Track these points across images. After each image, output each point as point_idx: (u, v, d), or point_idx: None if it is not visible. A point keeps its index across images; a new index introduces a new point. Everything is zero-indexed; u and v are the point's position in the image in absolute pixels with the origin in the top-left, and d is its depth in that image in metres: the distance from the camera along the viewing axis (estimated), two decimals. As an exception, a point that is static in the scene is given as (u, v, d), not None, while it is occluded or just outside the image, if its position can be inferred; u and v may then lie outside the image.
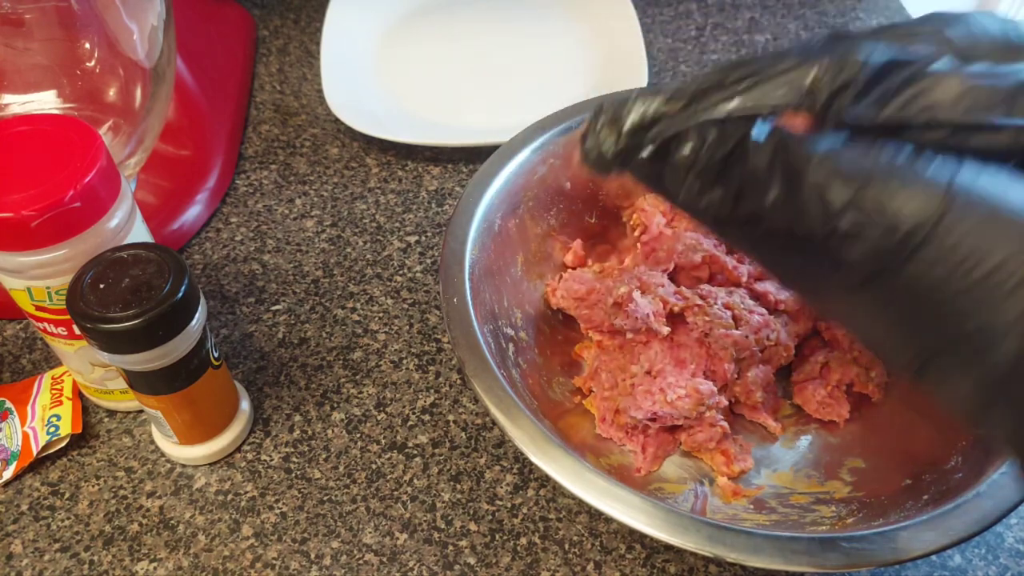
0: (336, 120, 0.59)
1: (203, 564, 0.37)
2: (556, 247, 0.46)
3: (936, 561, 0.38)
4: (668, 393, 0.38)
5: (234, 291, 0.49)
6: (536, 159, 0.44)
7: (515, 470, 0.41)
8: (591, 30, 0.65)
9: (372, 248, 0.51)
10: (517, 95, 0.61)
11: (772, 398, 0.42)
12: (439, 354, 0.46)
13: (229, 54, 0.63)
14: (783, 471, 0.39)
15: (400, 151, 0.57)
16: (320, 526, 0.39)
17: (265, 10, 0.70)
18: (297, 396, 0.44)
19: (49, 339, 0.38)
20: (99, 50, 0.44)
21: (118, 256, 0.34)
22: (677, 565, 0.37)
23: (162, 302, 0.33)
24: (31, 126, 0.35)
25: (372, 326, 0.47)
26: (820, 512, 0.36)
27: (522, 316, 0.42)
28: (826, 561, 0.30)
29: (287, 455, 0.41)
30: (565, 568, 0.37)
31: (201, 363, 0.37)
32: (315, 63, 0.64)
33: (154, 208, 0.51)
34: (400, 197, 0.54)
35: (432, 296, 0.48)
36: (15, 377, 0.44)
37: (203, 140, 0.55)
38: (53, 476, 0.40)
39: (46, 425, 0.41)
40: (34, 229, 0.32)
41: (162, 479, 0.40)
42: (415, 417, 0.43)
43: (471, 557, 0.38)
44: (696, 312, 0.40)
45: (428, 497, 0.40)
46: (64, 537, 0.38)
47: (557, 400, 0.41)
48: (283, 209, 0.53)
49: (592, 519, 0.39)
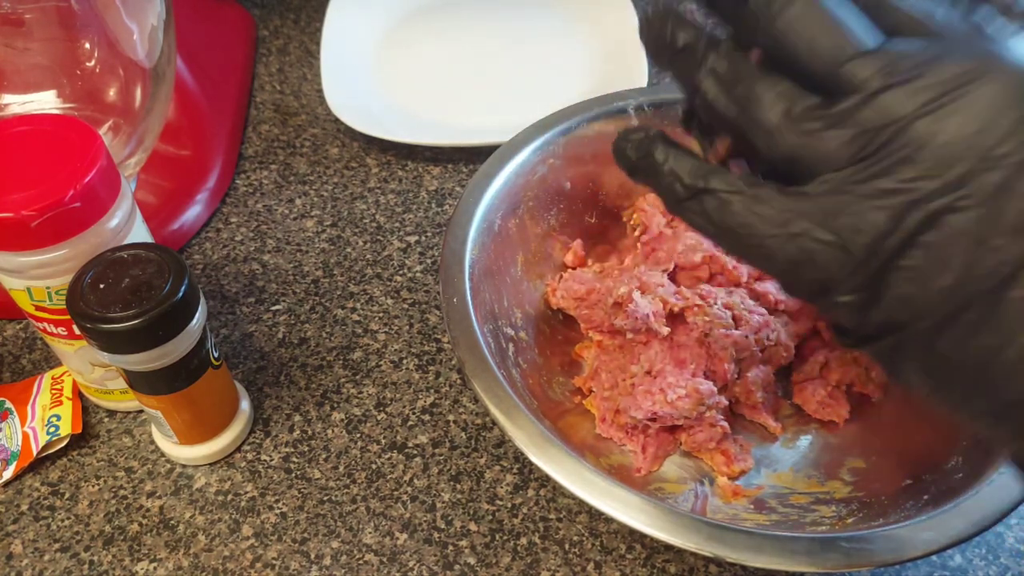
0: (336, 120, 0.59)
1: (203, 564, 0.37)
2: (556, 247, 0.46)
3: (936, 561, 0.38)
4: (668, 393, 0.38)
5: (234, 291, 0.49)
6: (536, 159, 0.44)
7: (515, 470, 0.41)
8: (591, 30, 0.65)
9: (372, 248, 0.51)
10: (517, 95, 0.61)
11: (772, 398, 0.42)
12: (439, 354, 0.46)
13: (229, 54, 0.63)
14: (783, 471, 0.39)
15: (400, 151, 0.57)
16: (320, 526, 0.39)
17: (265, 10, 0.70)
18: (297, 396, 0.44)
19: (49, 339, 0.38)
20: (99, 50, 0.44)
21: (118, 256, 0.34)
22: (677, 565, 0.37)
23: (162, 302, 0.33)
24: (31, 126, 0.35)
25: (372, 326, 0.47)
26: (820, 512, 0.36)
27: (522, 316, 0.42)
28: (826, 561, 0.30)
29: (287, 455, 0.41)
30: (565, 568, 0.37)
31: (201, 363, 0.37)
32: (315, 63, 0.64)
33: (154, 208, 0.51)
34: (400, 197, 0.54)
35: (432, 296, 0.48)
36: (15, 377, 0.44)
37: (203, 140, 0.55)
38: (53, 476, 0.40)
39: (46, 425, 0.41)
40: (34, 229, 0.32)
41: (162, 479, 0.40)
42: (415, 417, 0.43)
43: (471, 557, 0.38)
44: (696, 312, 0.40)
45: (428, 497, 0.40)
46: (64, 537, 0.38)
47: (557, 400, 0.41)
48: (283, 209, 0.53)
49: (592, 519, 0.39)
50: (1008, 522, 0.39)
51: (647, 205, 0.46)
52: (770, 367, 0.41)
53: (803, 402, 0.41)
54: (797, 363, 0.42)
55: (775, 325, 0.41)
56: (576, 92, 0.60)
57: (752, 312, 0.40)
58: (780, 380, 0.43)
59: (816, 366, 0.41)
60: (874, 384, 0.41)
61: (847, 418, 0.40)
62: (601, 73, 0.61)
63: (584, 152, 0.46)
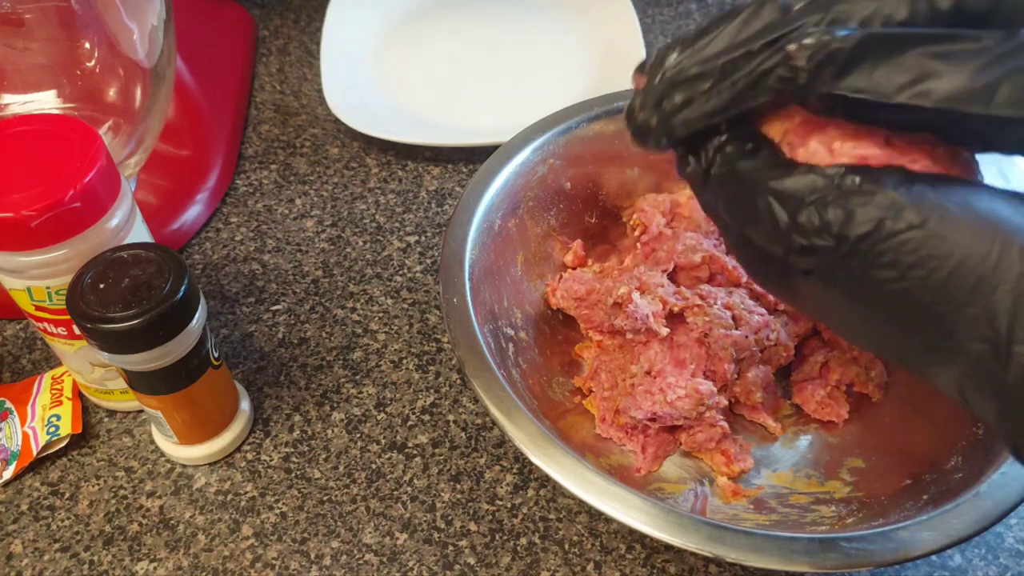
0: (336, 120, 0.59)
1: (203, 564, 0.37)
2: (556, 247, 0.46)
3: (936, 561, 0.38)
4: (668, 393, 0.38)
5: (234, 291, 0.49)
6: (536, 159, 0.44)
7: (515, 470, 0.41)
8: (591, 30, 0.65)
9: (372, 248, 0.51)
10: (517, 95, 0.61)
11: (772, 398, 0.42)
12: (439, 354, 0.46)
13: (229, 54, 0.63)
14: (783, 471, 0.39)
15: (400, 151, 0.57)
16: (320, 526, 0.39)
17: (265, 10, 0.70)
18: (297, 396, 0.44)
19: (49, 339, 0.38)
20: (99, 50, 0.44)
21: (118, 256, 0.34)
22: (677, 565, 0.37)
23: (162, 302, 0.33)
24: (31, 126, 0.35)
25: (372, 326, 0.47)
26: (820, 512, 0.36)
27: (522, 316, 0.42)
28: (826, 561, 0.30)
29: (287, 455, 0.41)
30: (565, 568, 0.37)
31: (201, 363, 0.37)
32: (315, 63, 0.64)
33: (154, 208, 0.51)
34: (400, 197, 0.54)
35: (432, 296, 0.48)
36: (15, 377, 0.44)
37: (203, 140, 0.55)
38: (53, 476, 0.40)
39: (46, 425, 0.41)
40: (34, 229, 0.32)
41: (162, 479, 0.40)
42: (415, 417, 0.43)
43: (471, 557, 0.38)
44: (696, 312, 0.40)
45: (428, 497, 0.40)
46: (64, 537, 0.38)
47: (557, 400, 0.41)
48: (283, 209, 0.53)
49: (592, 519, 0.39)
50: (1008, 522, 0.39)
51: (647, 205, 0.46)
52: (770, 367, 0.41)
53: (803, 402, 0.41)
54: (797, 363, 0.42)
55: (775, 325, 0.41)
56: (576, 92, 0.60)
57: (752, 312, 0.40)
58: (780, 380, 0.43)
59: (816, 366, 0.41)
60: (874, 384, 0.41)
61: (847, 418, 0.40)
62: (601, 73, 0.61)
63: (584, 152, 0.46)
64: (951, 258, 0.21)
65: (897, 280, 0.21)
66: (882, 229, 0.21)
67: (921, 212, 0.21)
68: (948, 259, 0.21)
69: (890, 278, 0.21)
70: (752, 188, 0.23)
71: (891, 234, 0.21)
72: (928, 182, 0.22)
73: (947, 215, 0.21)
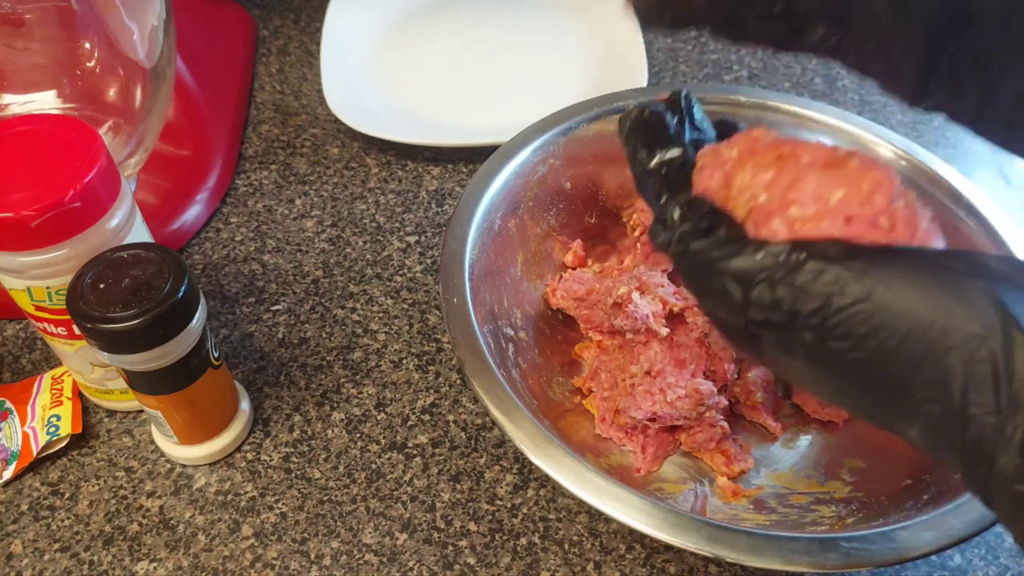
0: (336, 120, 0.59)
1: (203, 564, 0.37)
2: (556, 247, 0.46)
3: (936, 561, 0.38)
4: (668, 393, 0.38)
5: (234, 291, 0.49)
6: (536, 159, 0.44)
7: (515, 470, 0.41)
8: (591, 30, 0.65)
9: (372, 248, 0.51)
10: (517, 95, 0.61)
11: (772, 398, 0.42)
12: (439, 354, 0.46)
13: (229, 54, 0.63)
14: (783, 471, 0.39)
15: (400, 151, 0.57)
16: (320, 526, 0.39)
17: (265, 10, 0.70)
18: (297, 396, 0.44)
19: (49, 339, 0.38)
20: (99, 50, 0.44)
21: (118, 256, 0.34)
22: (677, 565, 0.37)
23: (162, 302, 0.33)
24: (31, 126, 0.35)
25: (372, 326, 0.47)
26: (820, 512, 0.36)
27: (522, 316, 0.42)
28: (826, 561, 0.30)
29: (287, 455, 0.41)
30: (565, 568, 0.37)
31: (201, 363, 0.37)
32: (315, 63, 0.64)
33: (154, 208, 0.51)
34: (400, 197, 0.54)
35: (432, 296, 0.48)
36: (15, 377, 0.44)
37: (203, 140, 0.55)
38: (53, 476, 0.40)
39: (46, 425, 0.41)
40: (34, 229, 0.32)
41: (162, 479, 0.40)
42: (415, 417, 0.43)
43: (471, 557, 0.38)
44: (696, 312, 0.40)
45: (428, 497, 0.40)
46: (64, 537, 0.38)
47: (557, 400, 0.41)
48: (283, 209, 0.53)
49: (592, 519, 0.39)
50: (1008, 522, 0.39)
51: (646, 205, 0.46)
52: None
53: (803, 402, 0.41)
54: (797, 363, 0.42)
55: (775, 325, 0.41)
56: (576, 92, 0.60)
57: (752, 312, 0.40)
58: (780, 380, 0.43)
59: (816, 366, 0.41)
60: (874, 384, 0.41)
61: (847, 418, 0.40)
62: (601, 73, 0.61)
63: (584, 152, 0.46)
64: (900, 328, 0.21)
65: (852, 350, 0.22)
66: (831, 304, 0.22)
67: (865, 285, 0.22)
68: (897, 328, 0.21)
69: (845, 348, 0.22)
70: (707, 267, 0.24)
71: (839, 309, 0.22)
72: (871, 255, 0.22)
73: (891, 286, 0.21)
